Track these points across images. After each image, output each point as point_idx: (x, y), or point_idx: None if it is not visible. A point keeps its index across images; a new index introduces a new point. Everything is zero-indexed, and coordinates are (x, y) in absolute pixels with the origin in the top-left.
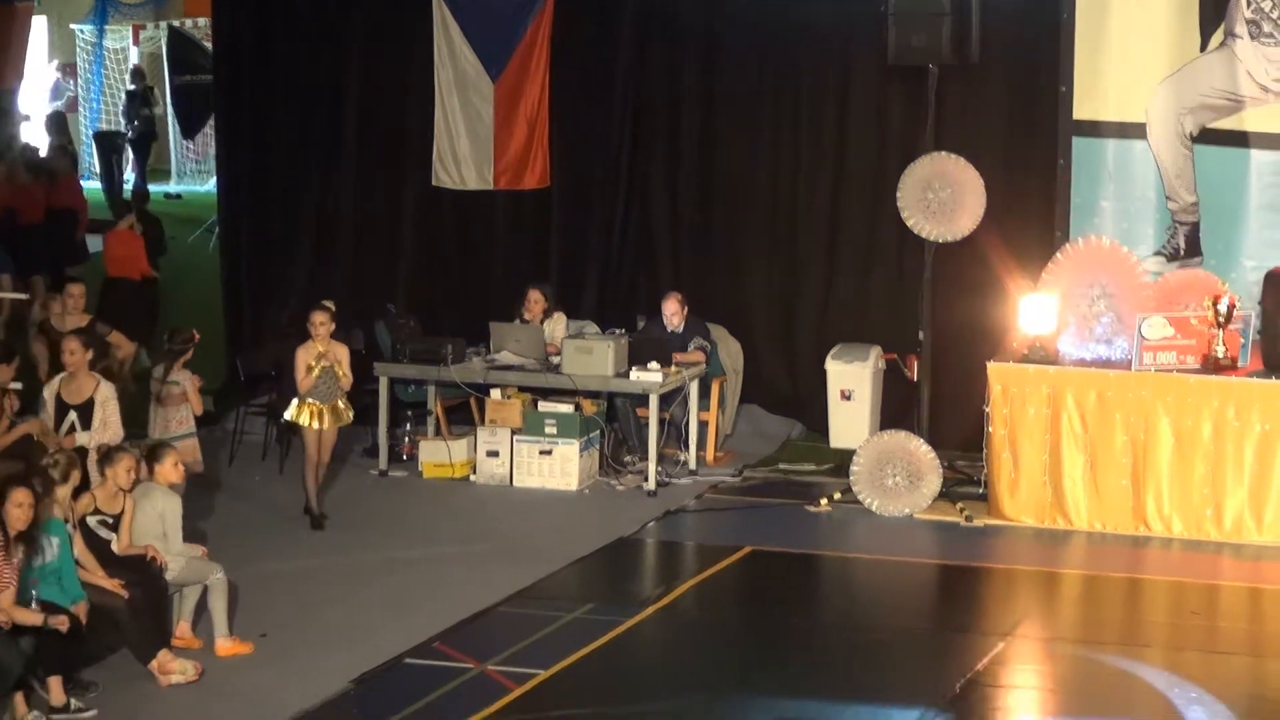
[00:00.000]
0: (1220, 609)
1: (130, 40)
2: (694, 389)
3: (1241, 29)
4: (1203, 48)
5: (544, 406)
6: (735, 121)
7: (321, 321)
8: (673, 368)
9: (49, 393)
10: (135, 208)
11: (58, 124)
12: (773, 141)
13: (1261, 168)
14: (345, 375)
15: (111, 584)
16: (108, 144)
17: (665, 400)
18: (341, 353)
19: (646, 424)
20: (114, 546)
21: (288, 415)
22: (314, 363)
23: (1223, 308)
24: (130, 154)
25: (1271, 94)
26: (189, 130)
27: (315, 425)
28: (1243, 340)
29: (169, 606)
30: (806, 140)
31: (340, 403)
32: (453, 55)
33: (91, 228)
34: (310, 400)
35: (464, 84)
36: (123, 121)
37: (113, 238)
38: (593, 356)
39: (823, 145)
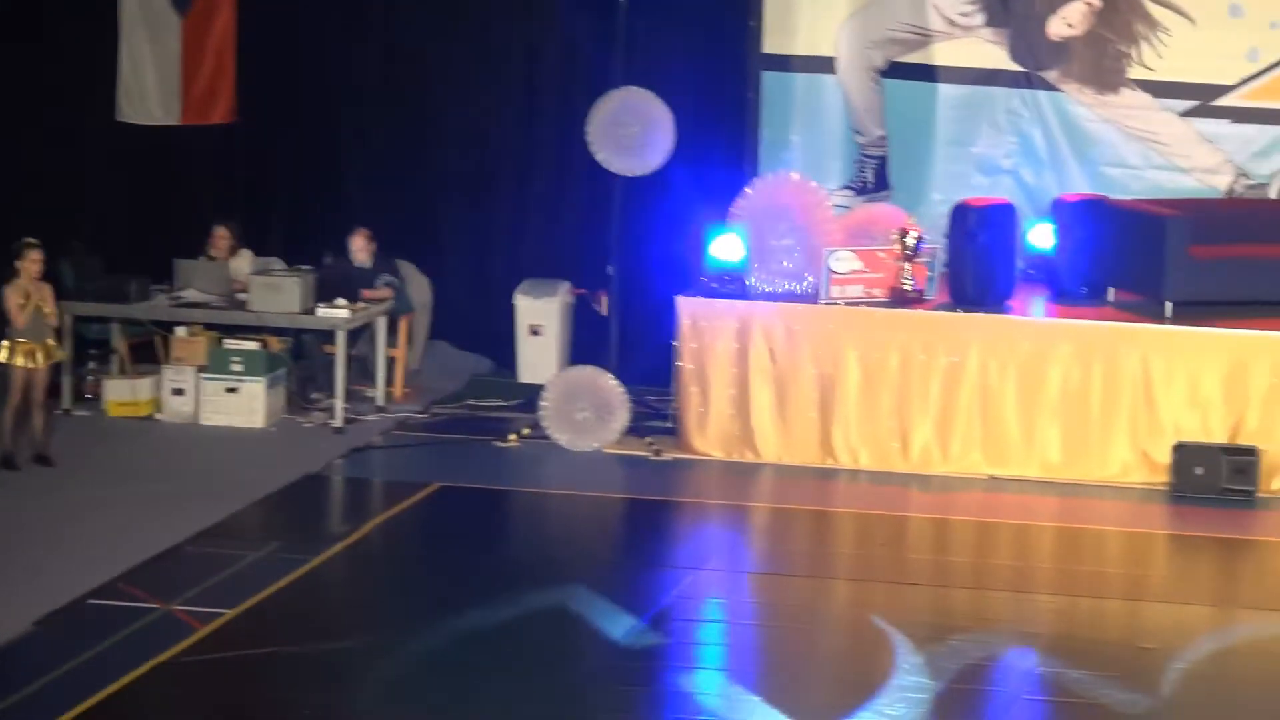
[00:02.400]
0: (907, 540)
1: None
2: (382, 325)
3: None
4: None
5: (230, 344)
6: (424, 55)
7: (35, 259)
8: (360, 304)
9: None
10: None
11: None
12: (461, 74)
13: (948, 101)
14: (51, 313)
15: None
16: None
17: (353, 337)
18: (46, 291)
19: (334, 360)
20: None
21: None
22: (24, 301)
23: (910, 241)
24: None
25: (958, 28)
26: None
27: (28, 364)
28: (930, 273)
29: None
30: (496, 73)
31: (51, 340)
32: None
33: None
34: (21, 339)
35: (150, 17)
36: None
37: None
38: (279, 293)
39: (512, 78)
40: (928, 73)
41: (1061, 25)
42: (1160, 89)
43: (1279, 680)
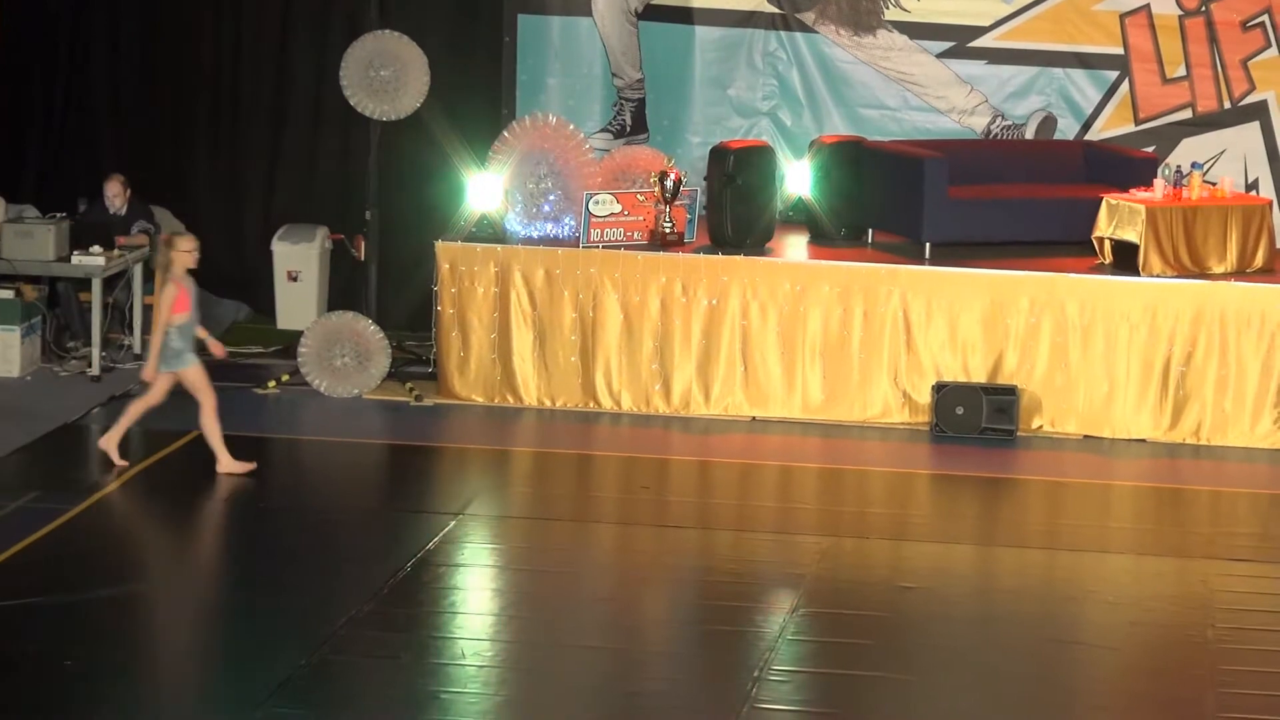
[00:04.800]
0: (671, 483)
1: None
2: (138, 272)
3: None
4: None
5: None
6: None
7: None
8: (116, 251)
9: None
10: None
11: None
12: (215, 16)
13: (705, 44)
14: None
15: None
16: None
17: (109, 284)
18: None
19: (89, 308)
20: None
21: None
22: None
23: (669, 184)
24: None
25: None
26: None
27: None
28: (689, 216)
29: None
30: (249, 17)
31: None
32: None
33: None
34: None
35: None
36: None
37: None
38: (33, 240)
39: (266, 22)
40: (684, 15)
41: None
42: (917, 30)
43: (1036, 617)
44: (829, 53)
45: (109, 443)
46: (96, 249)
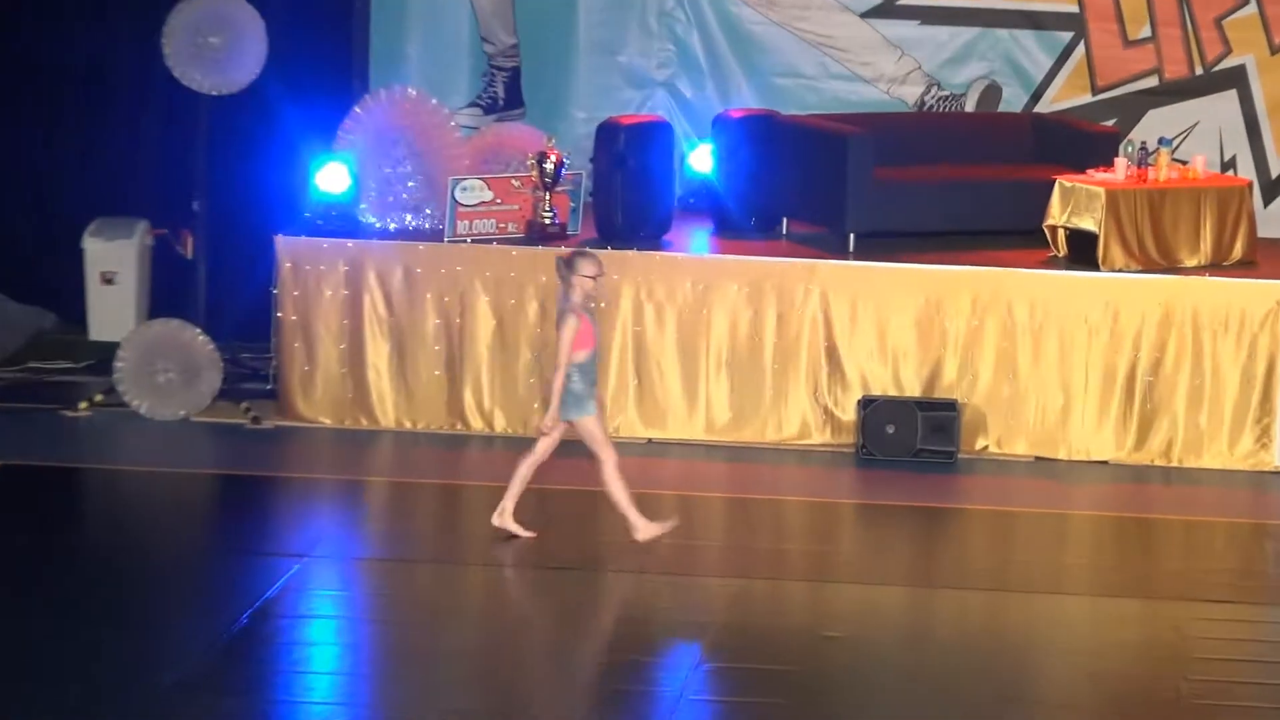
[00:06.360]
0: (552, 517)
1: None
2: None
3: None
4: None
5: None
6: None
7: None
8: None
9: None
10: None
11: None
12: None
13: (591, 3)
14: None
15: None
16: None
17: None
18: None
19: None
20: None
21: None
22: None
23: (549, 167)
24: None
25: None
26: None
27: None
28: (573, 204)
29: None
30: None
31: None
32: None
33: None
34: None
35: None
36: None
37: None
38: None
39: None
40: None
41: None
42: None
43: (980, 670)
44: (736, 12)
45: (504, 519)
46: None
